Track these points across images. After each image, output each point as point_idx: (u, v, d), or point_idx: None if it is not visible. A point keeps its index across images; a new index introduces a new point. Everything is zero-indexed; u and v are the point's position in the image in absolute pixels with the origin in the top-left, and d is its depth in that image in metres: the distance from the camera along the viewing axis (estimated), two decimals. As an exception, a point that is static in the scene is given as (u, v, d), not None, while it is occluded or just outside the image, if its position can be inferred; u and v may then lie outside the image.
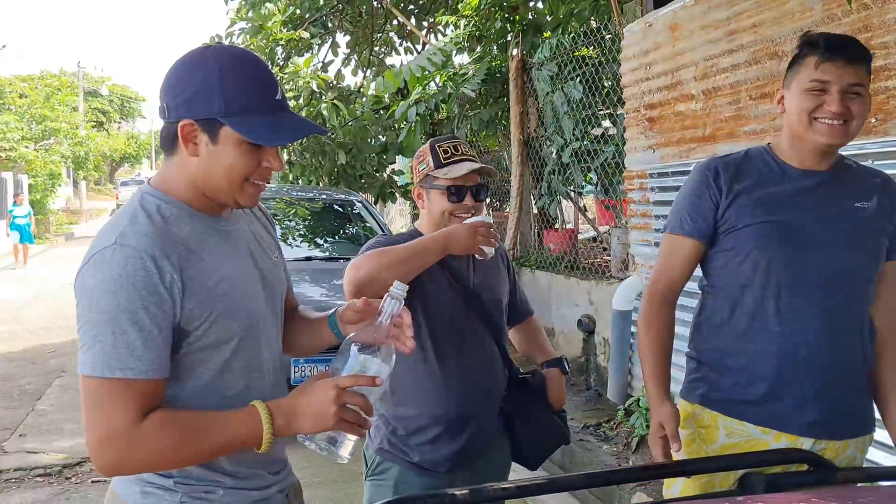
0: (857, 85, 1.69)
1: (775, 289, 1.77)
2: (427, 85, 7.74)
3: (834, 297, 1.75)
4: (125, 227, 1.27)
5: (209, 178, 1.32)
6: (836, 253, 1.76)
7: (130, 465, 1.27)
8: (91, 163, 28.82)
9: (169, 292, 1.25)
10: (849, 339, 1.77)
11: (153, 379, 1.24)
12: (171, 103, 1.29)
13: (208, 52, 1.33)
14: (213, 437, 1.27)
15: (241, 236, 1.44)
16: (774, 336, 1.77)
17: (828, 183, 1.79)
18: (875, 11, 2.91)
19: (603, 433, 4.53)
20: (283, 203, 6.89)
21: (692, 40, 4.14)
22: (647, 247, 4.69)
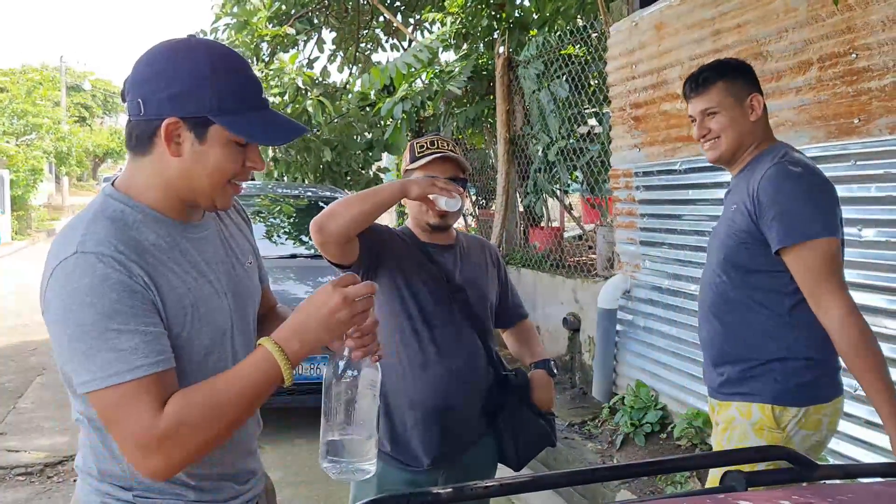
0: (708, 108, 2.03)
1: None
2: (413, 82, 7.73)
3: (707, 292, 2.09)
4: (84, 233, 1.19)
5: (190, 179, 1.25)
6: (712, 254, 2.09)
7: (180, 456, 1.17)
8: (74, 158, 28.51)
9: (146, 289, 1.19)
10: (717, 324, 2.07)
11: (164, 370, 1.18)
12: (151, 98, 1.20)
13: (196, 44, 1.26)
14: (237, 392, 1.20)
15: (211, 243, 1.37)
16: None
17: (734, 187, 2.07)
18: (859, 13, 2.93)
19: (587, 431, 4.55)
20: (268, 200, 6.86)
21: (677, 39, 4.16)
22: (632, 245, 4.71)
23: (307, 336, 1.24)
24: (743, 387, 2.01)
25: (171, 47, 1.25)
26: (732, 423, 2.01)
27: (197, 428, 1.18)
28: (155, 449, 1.15)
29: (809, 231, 1.83)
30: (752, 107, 2.02)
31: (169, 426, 1.15)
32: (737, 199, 1.99)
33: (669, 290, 4.32)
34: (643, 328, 4.61)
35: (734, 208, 1.99)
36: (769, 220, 1.87)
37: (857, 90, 2.96)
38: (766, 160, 1.97)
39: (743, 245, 1.95)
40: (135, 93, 1.22)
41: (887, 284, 2.85)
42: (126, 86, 1.24)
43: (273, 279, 5.92)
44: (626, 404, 4.45)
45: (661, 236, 4.40)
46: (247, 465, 1.44)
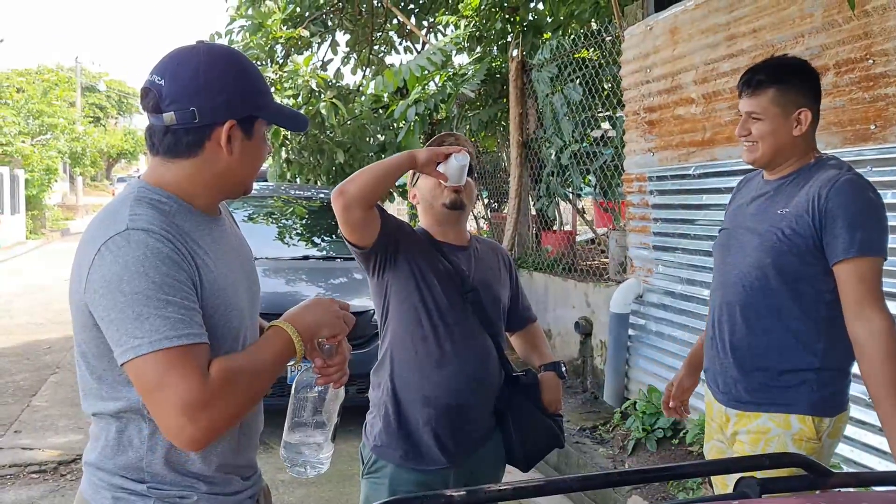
0: (753, 112, 1.99)
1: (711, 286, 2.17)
2: (426, 85, 7.74)
3: (739, 293, 2.01)
4: (131, 213, 1.26)
5: (238, 172, 1.38)
6: (744, 255, 2.01)
7: (220, 420, 1.24)
8: (88, 158, 28.71)
9: (191, 267, 1.27)
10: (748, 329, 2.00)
11: (206, 343, 1.24)
12: (207, 105, 1.30)
13: (224, 51, 1.40)
14: (263, 361, 1.31)
15: (230, 236, 1.47)
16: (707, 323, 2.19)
17: (776, 191, 2.01)
18: (875, 18, 2.92)
19: (599, 436, 4.54)
20: (281, 201, 6.89)
21: (692, 44, 4.15)
22: (644, 250, 4.70)
23: (312, 323, 1.40)
24: (778, 396, 1.96)
25: (207, 57, 1.34)
26: (768, 435, 1.96)
27: (239, 392, 1.26)
28: (203, 410, 1.20)
29: (874, 247, 1.84)
30: (799, 121, 1.95)
31: (217, 389, 1.22)
32: (787, 205, 1.94)
33: (682, 295, 4.31)
34: (655, 333, 4.60)
35: (783, 212, 1.93)
36: (836, 230, 1.84)
37: (874, 96, 2.95)
38: (826, 170, 1.93)
39: (793, 251, 1.91)
40: (186, 102, 1.30)
41: (903, 291, 2.84)
42: (166, 96, 1.30)
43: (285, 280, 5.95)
44: (638, 409, 4.43)
45: (675, 241, 4.39)
46: (252, 458, 1.50)
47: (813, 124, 1.98)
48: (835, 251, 1.84)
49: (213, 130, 1.32)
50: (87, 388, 1.33)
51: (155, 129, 1.34)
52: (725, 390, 2.07)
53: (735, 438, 2.05)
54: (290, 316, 1.40)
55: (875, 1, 2.91)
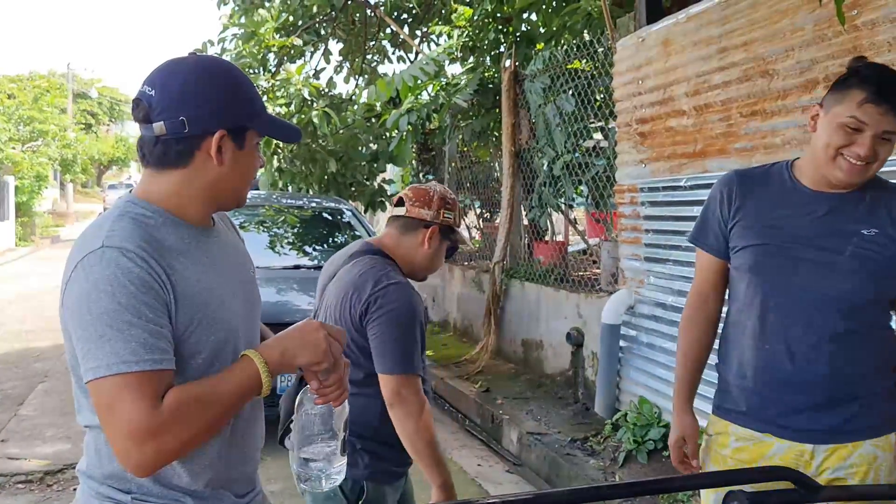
0: (891, 132, 1.69)
1: (762, 307, 1.86)
2: (419, 94, 7.76)
3: (825, 318, 1.79)
4: (110, 230, 1.27)
5: (229, 182, 1.38)
6: (827, 278, 1.80)
7: (168, 450, 1.23)
8: (79, 165, 28.58)
9: (163, 289, 1.25)
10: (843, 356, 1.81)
11: (167, 370, 1.23)
12: (195, 115, 1.30)
13: (215, 61, 1.41)
14: (220, 393, 1.28)
15: (225, 246, 1.46)
16: (762, 353, 1.86)
17: (838, 207, 1.81)
18: (865, 33, 2.94)
19: (590, 447, 4.53)
20: (272, 210, 6.87)
21: (684, 56, 4.17)
22: (636, 261, 4.70)
23: (287, 353, 1.34)
24: (870, 420, 1.84)
25: (197, 67, 1.35)
26: (876, 463, 1.82)
27: (190, 423, 1.24)
28: (149, 438, 1.19)
29: None
30: None
31: (167, 418, 1.20)
32: (870, 224, 1.79)
33: (674, 306, 4.31)
34: (647, 344, 4.60)
35: (873, 233, 1.78)
36: None
37: (864, 110, 2.96)
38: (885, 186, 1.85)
39: (883, 273, 1.79)
40: (175, 112, 1.30)
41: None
42: (155, 106, 1.31)
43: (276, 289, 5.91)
44: (629, 421, 4.43)
45: (666, 252, 4.40)
46: (246, 472, 1.47)
47: None
48: None
49: (204, 140, 1.32)
50: (79, 400, 1.34)
51: (145, 139, 1.34)
52: (813, 426, 1.84)
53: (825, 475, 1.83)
54: (264, 345, 1.37)
55: (865, 16, 2.93)
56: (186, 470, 1.34)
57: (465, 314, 7.89)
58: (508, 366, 6.59)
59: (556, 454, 4.42)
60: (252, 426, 1.48)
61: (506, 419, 5.16)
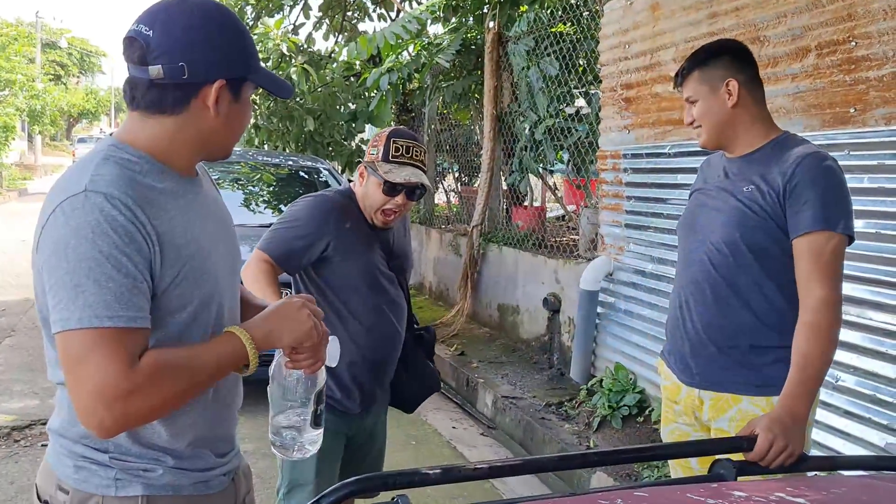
0: (688, 97, 2.04)
1: (677, 261, 2.17)
2: (400, 53, 7.60)
3: (707, 271, 1.99)
4: (94, 173, 1.19)
5: (223, 134, 1.33)
6: (710, 233, 2.00)
7: (136, 414, 1.17)
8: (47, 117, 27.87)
9: (147, 240, 1.18)
10: (717, 306, 1.98)
11: (142, 328, 1.17)
12: (199, 62, 1.24)
13: (221, 8, 1.32)
14: (202, 362, 1.24)
15: (207, 198, 1.40)
16: (672, 304, 2.15)
17: (735, 170, 2.02)
18: (860, 0, 2.89)
19: (564, 412, 4.54)
20: (248, 167, 6.74)
21: (673, 21, 4.10)
22: (616, 227, 4.68)
23: (272, 331, 1.34)
24: (754, 377, 1.93)
25: (202, 11, 1.28)
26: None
27: (165, 388, 1.19)
28: (119, 399, 1.13)
29: (836, 223, 1.82)
30: (729, 91, 1.97)
31: (141, 380, 1.15)
32: (752, 181, 1.93)
33: (653, 273, 4.31)
34: (624, 311, 4.60)
35: (750, 189, 1.93)
36: (800, 205, 1.84)
37: (855, 79, 2.94)
38: (792, 146, 1.93)
39: (760, 227, 1.90)
40: (176, 56, 1.23)
41: (875, 276, 2.85)
42: (155, 48, 1.23)
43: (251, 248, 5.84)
44: (605, 387, 4.44)
45: (647, 220, 4.38)
46: (226, 431, 1.43)
47: (752, 95, 1.98)
48: (796, 226, 1.85)
49: (202, 89, 1.26)
50: (50, 355, 1.27)
51: (137, 81, 1.26)
52: (698, 371, 2.02)
53: (713, 425, 1.99)
54: (249, 324, 1.34)
55: (861, -17, 2.88)
56: (167, 429, 1.29)
57: (442, 277, 7.86)
58: (484, 330, 6.59)
59: (530, 418, 4.43)
60: (234, 385, 1.45)
61: (480, 382, 5.16)
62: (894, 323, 2.82)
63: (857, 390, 2.92)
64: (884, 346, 2.84)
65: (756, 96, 2.01)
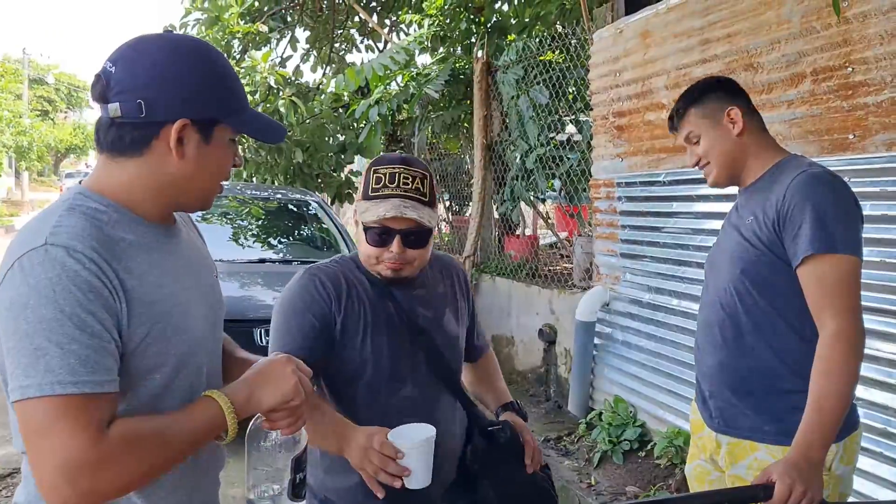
0: (688, 136, 1.97)
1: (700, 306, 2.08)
2: (389, 84, 7.57)
3: (717, 312, 1.91)
4: (56, 225, 1.10)
5: (191, 180, 1.22)
6: (720, 272, 1.93)
7: (103, 491, 1.06)
8: (34, 153, 27.79)
9: (113, 295, 1.09)
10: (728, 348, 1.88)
11: (110, 393, 1.07)
12: (159, 100, 1.15)
13: (194, 44, 1.23)
14: (177, 432, 1.13)
15: (185, 249, 1.31)
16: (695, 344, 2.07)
17: (742, 201, 1.95)
18: (856, 25, 2.85)
19: (564, 447, 4.42)
20: (236, 202, 6.64)
21: (664, 48, 4.06)
22: (612, 257, 4.60)
23: (254, 394, 1.22)
24: (770, 424, 1.81)
25: (169, 46, 1.19)
26: None
27: (134, 462, 1.08)
28: (86, 474, 1.03)
29: (836, 244, 1.67)
30: (732, 119, 1.89)
31: (110, 452, 1.05)
32: (754, 211, 1.83)
33: (650, 303, 4.22)
34: (622, 342, 4.51)
35: (751, 220, 1.83)
36: (796, 229, 1.70)
37: (853, 105, 2.88)
38: (790, 169, 1.82)
39: (763, 259, 1.79)
40: (134, 93, 1.15)
41: (880, 306, 2.77)
42: (114, 84, 1.16)
43: (240, 284, 5.69)
44: (604, 420, 4.34)
45: (643, 249, 4.30)
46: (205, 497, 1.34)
47: (754, 121, 1.92)
48: (795, 254, 1.71)
49: (162, 129, 1.17)
50: (13, 422, 1.15)
51: (101, 121, 1.20)
52: (716, 415, 1.93)
53: (728, 471, 1.89)
54: (230, 387, 1.22)
55: (856, 8, 2.84)
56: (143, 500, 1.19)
57: (434, 309, 7.73)
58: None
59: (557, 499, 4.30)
60: (215, 450, 1.34)
61: (477, 418, 5.03)
62: (903, 353, 2.73)
63: (867, 424, 2.82)
64: (893, 377, 2.76)
65: (758, 123, 1.95)
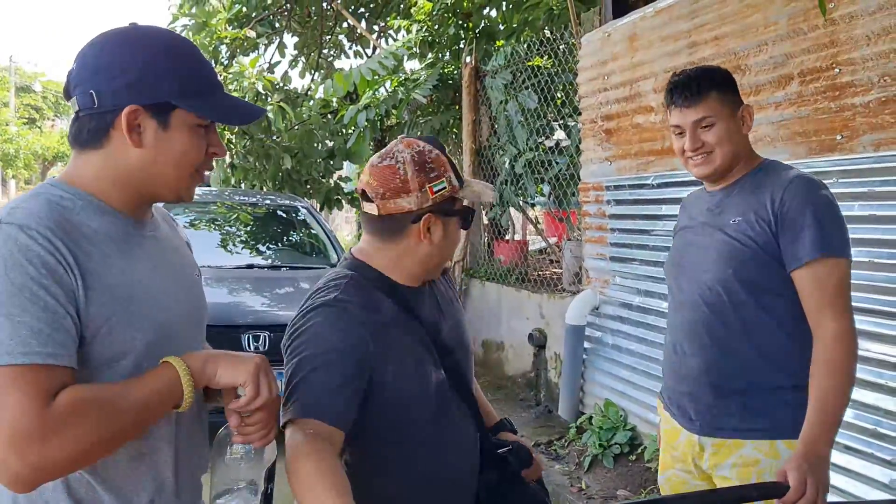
0: (703, 118, 1.85)
1: (669, 303, 2.07)
2: (377, 90, 7.56)
3: (700, 312, 1.88)
4: (14, 207, 1.11)
5: (154, 168, 1.20)
6: (701, 272, 1.89)
7: (54, 460, 1.03)
8: (21, 161, 27.63)
9: (68, 273, 1.08)
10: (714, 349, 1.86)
11: (63, 366, 1.05)
12: (107, 88, 1.15)
13: (146, 30, 1.23)
14: (130, 398, 1.10)
15: (162, 244, 1.29)
16: (666, 347, 2.03)
17: (722, 201, 1.91)
18: (843, 27, 2.86)
19: (554, 451, 4.40)
20: (224, 208, 6.60)
21: (652, 51, 4.07)
22: (601, 261, 4.60)
23: (210, 364, 1.19)
24: (758, 421, 1.81)
25: (120, 36, 1.21)
26: (758, 467, 1.79)
27: (85, 430, 1.04)
28: (33, 444, 1.00)
29: (835, 248, 1.72)
30: (744, 118, 1.89)
31: (57, 420, 1.02)
32: (742, 212, 1.83)
33: (640, 307, 4.21)
34: (612, 346, 4.50)
35: (735, 221, 1.83)
36: (797, 232, 1.72)
37: (841, 106, 2.89)
38: (778, 173, 1.84)
39: (754, 260, 1.79)
40: (86, 85, 1.17)
41: (870, 306, 2.77)
42: (72, 80, 1.19)
43: (228, 290, 5.64)
44: (594, 424, 4.32)
45: (633, 252, 4.30)
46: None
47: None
48: (794, 256, 1.73)
49: (116, 117, 1.17)
50: None
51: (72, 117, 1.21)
52: (698, 417, 1.90)
53: (715, 473, 1.87)
54: (188, 354, 1.19)
55: (842, 9, 2.85)
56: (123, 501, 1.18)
57: (424, 315, 7.71)
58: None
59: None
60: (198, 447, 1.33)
61: (467, 423, 5.01)
62: (892, 354, 2.73)
63: (857, 424, 2.82)
64: (883, 377, 2.75)
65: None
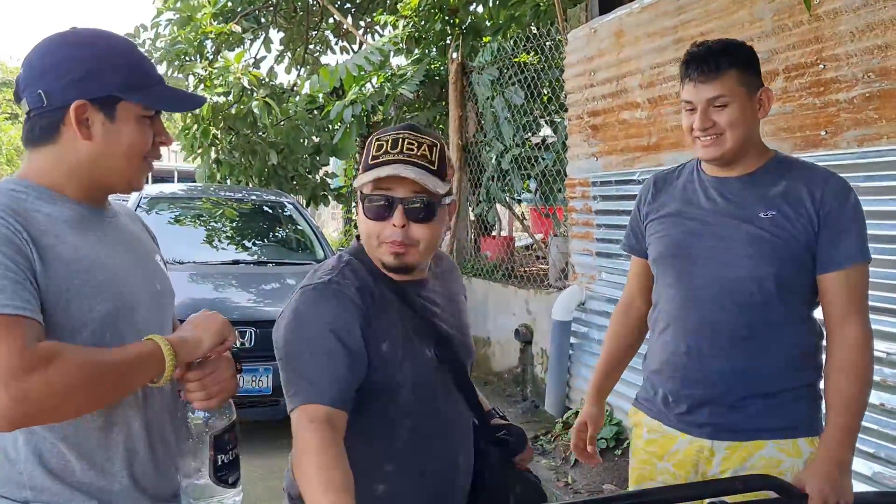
0: (718, 97, 1.71)
1: (666, 300, 1.85)
2: (364, 85, 7.54)
3: (725, 310, 1.75)
4: None
5: (104, 159, 1.27)
6: (724, 268, 1.75)
7: (36, 397, 1.06)
8: (3, 156, 27.32)
9: (25, 245, 1.15)
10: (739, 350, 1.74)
11: (33, 320, 1.11)
12: (54, 87, 1.23)
13: (86, 31, 1.32)
14: (109, 358, 1.17)
15: (121, 229, 1.38)
16: (668, 348, 1.83)
17: (739, 191, 1.77)
18: (827, 23, 2.88)
19: (540, 447, 4.41)
20: (210, 203, 6.57)
21: (638, 47, 4.08)
22: (587, 256, 4.61)
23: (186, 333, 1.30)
24: (778, 419, 1.73)
25: (63, 38, 1.29)
26: (780, 468, 1.70)
27: (65, 374, 1.09)
28: (16, 378, 1.05)
29: (867, 254, 1.70)
30: (761, 102, 1.73)
31: (39, 360, 1.07)
32: (774, 206, 1.71)
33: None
34: (598, 341, 4.51)
35: (771, 215, 1.71)
36: (837, 235, 1.67)
37: (825, 101, 2.91)
38: (800, 167, 1.74)
39: (792, 259, 1.71)
40: (35, 86, 1.24)
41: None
42: (20, 83, 1.26)
43: (214, 286, 5.62)
44: (581, 419, 4.33)
45: (619, 248, 4.30)
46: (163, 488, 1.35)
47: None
48: (831, 259, 1.68)
49: (66, 113, 1.24)
50: None
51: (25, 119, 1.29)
52: (712, 420, 1.78)
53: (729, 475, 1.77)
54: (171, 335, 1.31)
55: (827, 5, 2.87)
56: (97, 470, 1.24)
57: (411, 311, 7.71)
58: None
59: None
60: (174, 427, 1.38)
61: (454, 419, 5.01)
62: (878, 349, 2.75)
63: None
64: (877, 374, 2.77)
65: None
